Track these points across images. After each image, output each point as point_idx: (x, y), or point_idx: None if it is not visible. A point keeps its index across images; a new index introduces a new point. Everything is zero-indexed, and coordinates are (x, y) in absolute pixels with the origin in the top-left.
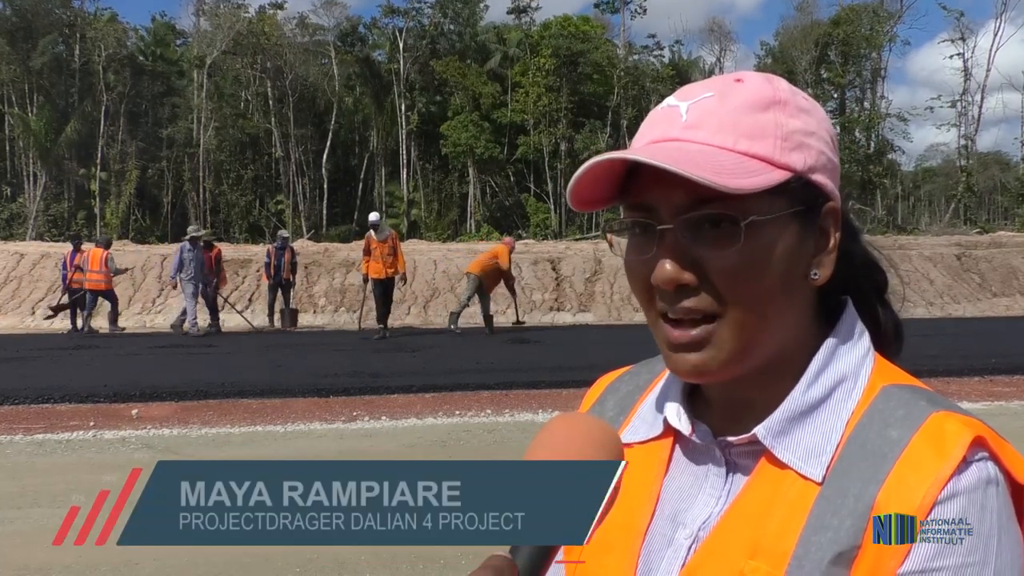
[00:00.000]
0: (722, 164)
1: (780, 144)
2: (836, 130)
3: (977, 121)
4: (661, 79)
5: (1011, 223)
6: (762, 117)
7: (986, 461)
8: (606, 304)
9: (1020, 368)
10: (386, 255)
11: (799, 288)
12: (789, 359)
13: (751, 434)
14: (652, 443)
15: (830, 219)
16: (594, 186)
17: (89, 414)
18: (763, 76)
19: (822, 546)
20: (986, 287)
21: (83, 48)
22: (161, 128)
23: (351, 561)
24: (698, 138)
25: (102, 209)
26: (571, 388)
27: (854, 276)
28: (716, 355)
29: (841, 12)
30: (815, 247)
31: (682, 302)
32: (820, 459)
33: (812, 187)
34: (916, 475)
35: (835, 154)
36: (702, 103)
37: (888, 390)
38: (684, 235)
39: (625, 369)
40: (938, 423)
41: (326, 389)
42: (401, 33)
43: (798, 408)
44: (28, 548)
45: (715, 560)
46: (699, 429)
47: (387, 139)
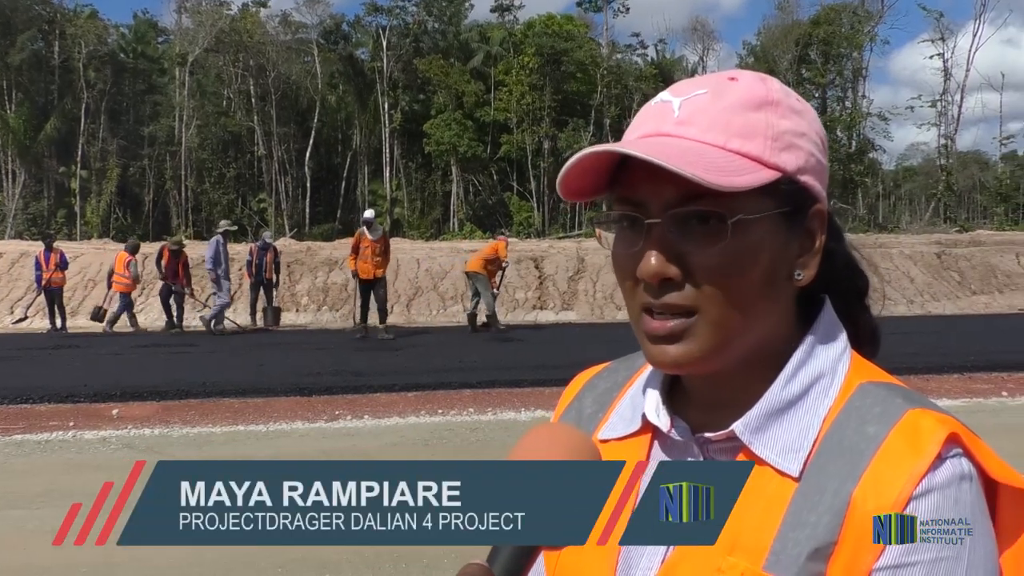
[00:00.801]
0: (713, 161)
1: (771, 144)
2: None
3: (957, 121)
4: (644, 78)
5: (990, 222)
6: (754, 116)
7: (960, 457)
8: (589, 302)
9: (998, 365)
10: (376, 255)
11: (782, 288)
12: (768, 356)
13: (729, 430)
14: (630, 439)
15: (816, 221)
16: (583, 177)
17: (69, 414)
18: (757, 76)
19: (799, 542)
20: (965, 285)
21: (63, 45)
22: (142, 126)
23: (333, 561)
24: (689, 135)
25: (82, 208)
26: (554, 386)
27: (836, 277)
28: (693, 348)
29: (821, 12)
30: (800, 248)
31: (665, 296)
32: (797, 455)
33: (800, 188)
34: (892, 471)
35: (824, 156)
36: (695, 100)
37: (865, 387)
38: (671, 230)
39: (603, 366)
40: (914, 420)
41: (308, 388)
42: (384, 31)
43: (776, 405)
44: (4, 551)
45: (694, 556)
46: (678, 425)
47: (370, 137)
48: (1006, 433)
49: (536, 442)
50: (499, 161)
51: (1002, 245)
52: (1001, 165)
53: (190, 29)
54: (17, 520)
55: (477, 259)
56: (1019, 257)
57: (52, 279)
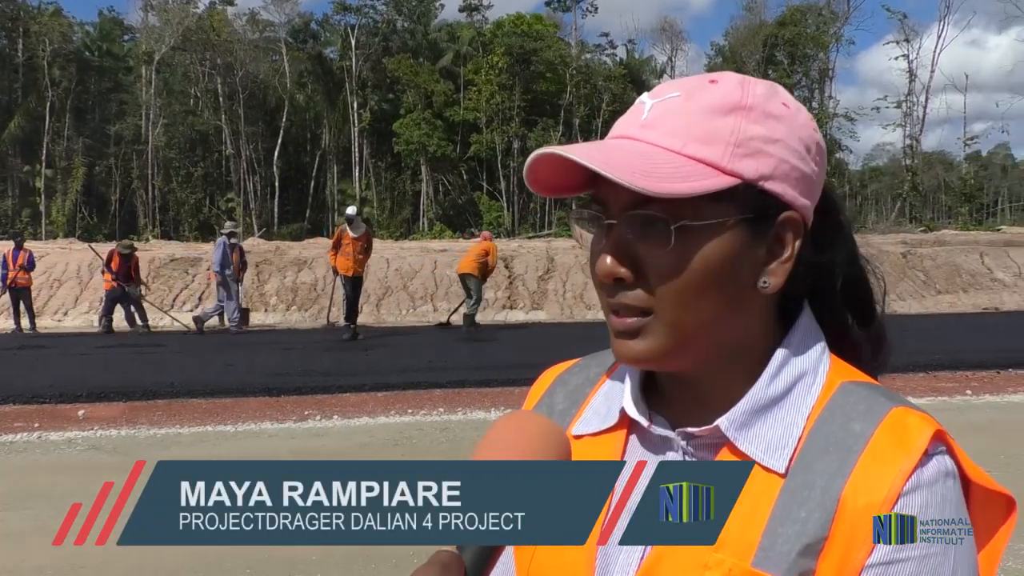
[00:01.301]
0: (657, 167)
1: (731, 150)
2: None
3: (922, 121)
4: (613, 78)
5: (954, 222)
6: (719, 122)
7: (945, 455)
8: (559, 302)
9: (963, 364)
10: (358, 252)
11: (749, 293)
12: (744, 357)
13: (714, 425)
14: (605, 435)
15: (788, 228)
16: (555, 174)
17: (34, 415)
18: (739, 79)
19: (789, 538)
20: (931, 284)
21: (27, 42)
22: (108, 125)
23: (303, 561)
24: (648, 138)
25: (47, 207)
26: (524, 386)
27: (830, 288)
28: (650, 346)
29: (787, 12)
30: (768, 255)
31: (618, 295)
32: (783, 452)
33: (765, 195)
34: (881, 468)
35: (809, 163)
36: (667, 103)
37: (846, 386)
38: (627, 231)
39: (573, 362)
40: (900, 417)
41: (277, 388)
42: (353, 30)
43: (760, 402)
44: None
45: (677, 552)
46: (657, 420)
47: (339, 137)
48: (971, 431)
49: (504, 431)
50: (469, 161)
51: (966, 245)
52: (965, 165)
53: (156, 27)
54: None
55: (469, 260)
56: (983, 257)
57: (17, 279)
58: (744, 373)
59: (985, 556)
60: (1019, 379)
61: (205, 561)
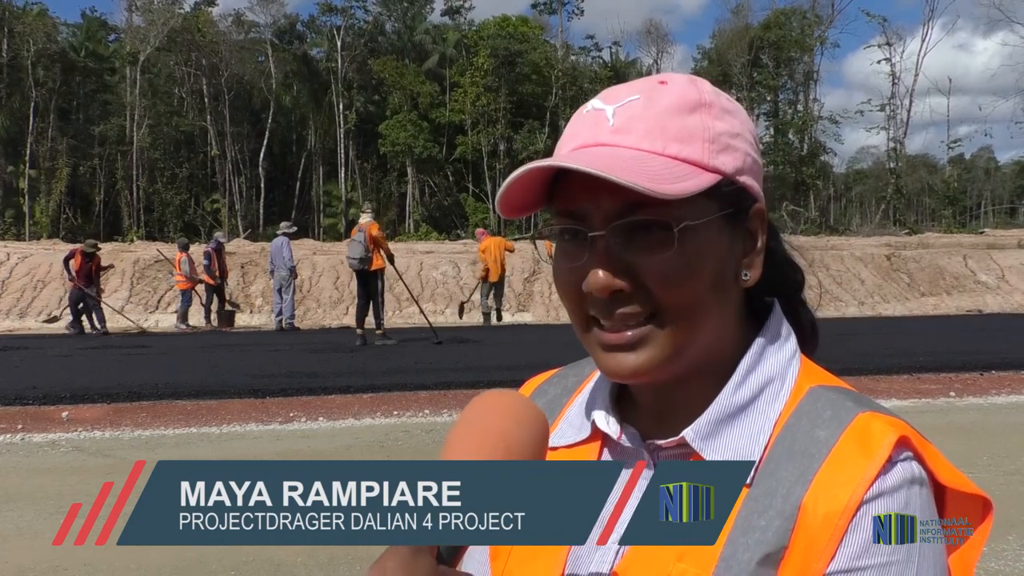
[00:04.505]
0: (653, 169)
1: (708, 147)
2: (769, 132)
3: (906, 125)
4: (599, 80)
5: (938, 224)
6: (689, 120)
7: (911, 461)
8: (544, 304)
9: (946, 366)
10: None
11: (731, 290)
12: (717, 361)
13: (679, 437)
14: (579, 447)
15: (757, 220)
16: (523, 193)
17: (17, 417)
18: (687, 78)
19: (749, 547)
20: (914, 287)
21: (11, 43)
22: (93, 125)
23: (287, 562)
24: (627, 143)
25: (31, 207)
26: (509, 387)
27: (777, 275)
28: (652, 356)
29: (772, 16)
30: (744, 249)
31: (617, 309)
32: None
33: (741, 189)
34: (843, 475)
35: (759, 154)
36: (629, 106)
37: (815, 391)
38: (616, 241)
39: (552, 372)
40: (864, 423)
41: (262, 390)
42: (339, 31)
43: (726, 410)
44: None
45: (643, 563)
46: (627, 432)
47: (325, 138)
48: (954, 433)
49: (484, 408)
50: (455, 162)
51: (950, 247)
52: (949, 168)
53: (141, 28)
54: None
55: (499, 266)
56: (966, 259)
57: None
58: (715, 379)
59: (960, 558)
60: (1002, 381)
61: (189, 563)
